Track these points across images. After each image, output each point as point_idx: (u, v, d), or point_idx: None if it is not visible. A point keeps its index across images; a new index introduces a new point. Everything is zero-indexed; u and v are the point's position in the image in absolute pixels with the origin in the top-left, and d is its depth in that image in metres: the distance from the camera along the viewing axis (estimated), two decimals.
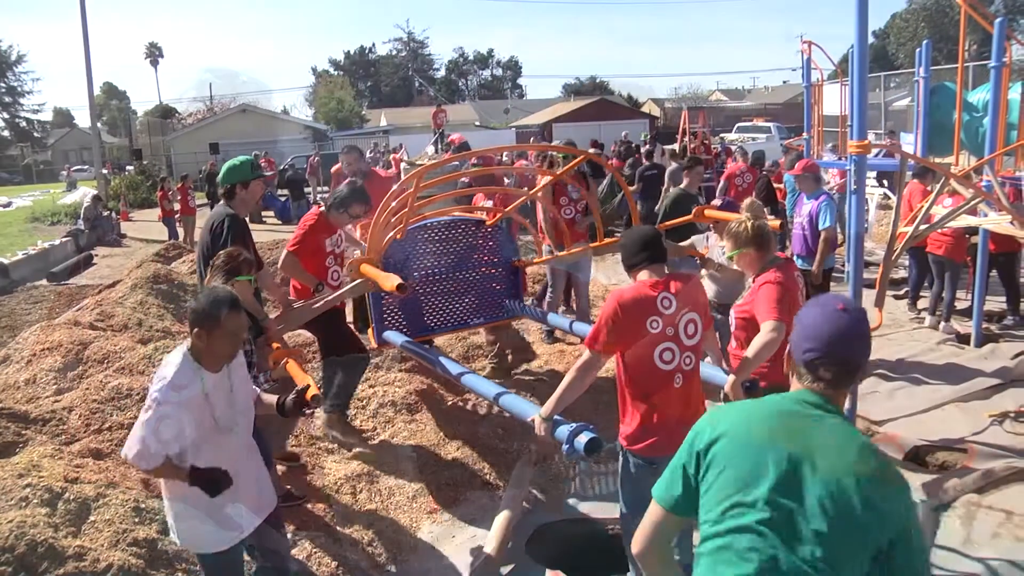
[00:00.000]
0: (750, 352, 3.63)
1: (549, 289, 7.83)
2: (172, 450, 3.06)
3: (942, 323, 8.11)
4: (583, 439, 3.36)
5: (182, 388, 3.05)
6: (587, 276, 7.75)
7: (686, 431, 3.28)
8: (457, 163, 12.90)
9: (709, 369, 4.04)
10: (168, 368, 3.08)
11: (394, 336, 5.89)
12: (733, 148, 16.54)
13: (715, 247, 5.81)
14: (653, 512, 2.08)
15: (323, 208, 5.59)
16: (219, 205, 5.19)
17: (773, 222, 4.74)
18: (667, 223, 6.40)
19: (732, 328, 4.08)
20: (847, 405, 5.58)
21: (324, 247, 5.51)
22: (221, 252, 4.10)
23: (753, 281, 4.03)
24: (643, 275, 3.52)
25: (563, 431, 3.43)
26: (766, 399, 2.03)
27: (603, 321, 3.40)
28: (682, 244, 6.16)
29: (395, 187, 5.61)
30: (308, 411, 3.57)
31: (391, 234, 5.47)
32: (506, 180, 9.57)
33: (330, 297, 5.14)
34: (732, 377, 3.67)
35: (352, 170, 7.38)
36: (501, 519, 4.24)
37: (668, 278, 3.49)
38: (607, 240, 6.59)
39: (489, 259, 6.52)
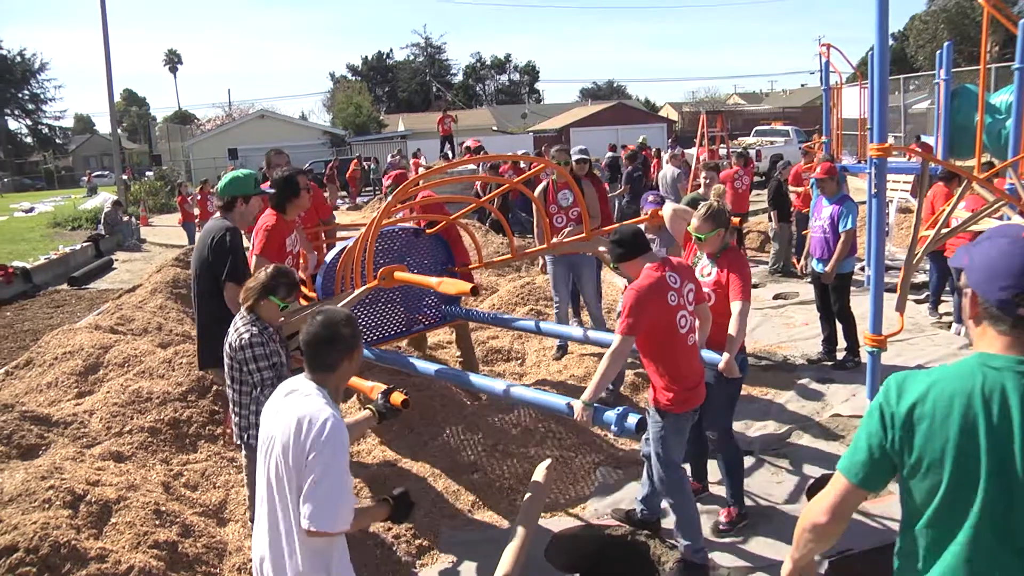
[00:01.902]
0: (733, 331, 4.34)
1: (555, 301, 7.39)
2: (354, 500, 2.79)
3: (962, 327, 8.04)
4: (632, 420, 3.68)
5: (342, 434, 2.71)
6: (592, 282, 7.28)
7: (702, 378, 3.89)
8: (474, 167, 12.92)
9: (707, 354, 4.44)
10: (322, 416, 2.66)
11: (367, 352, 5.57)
12: (724, 151, 16.51)
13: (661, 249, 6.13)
14: (840, 486, 1.98)
15: (273, 206, 5.29)
16: (215, 218, 4.90)
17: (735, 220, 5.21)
18: (629, 221, 6.36)
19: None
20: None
21: (286, 247, 5.34)
22: (270, 266, 3.97)
23: (717, 258, 4.61)
24: (644, 262, 4.00)
25: (611, 415, 3.73)
26: (952, 372, 1.85)
27: (631, 309, 3.84)
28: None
29: (389, 199, 5.52)
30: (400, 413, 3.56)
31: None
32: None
33: (353, 296, 5.10)
34: (726, 355, 4.29)
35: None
36: (520, 525, 4.21)
37: (664, 260, 4.05)
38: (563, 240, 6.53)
39: (427, 265, 6.45)
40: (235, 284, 4.52)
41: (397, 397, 3.42)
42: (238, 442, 4.12)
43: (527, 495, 4.33)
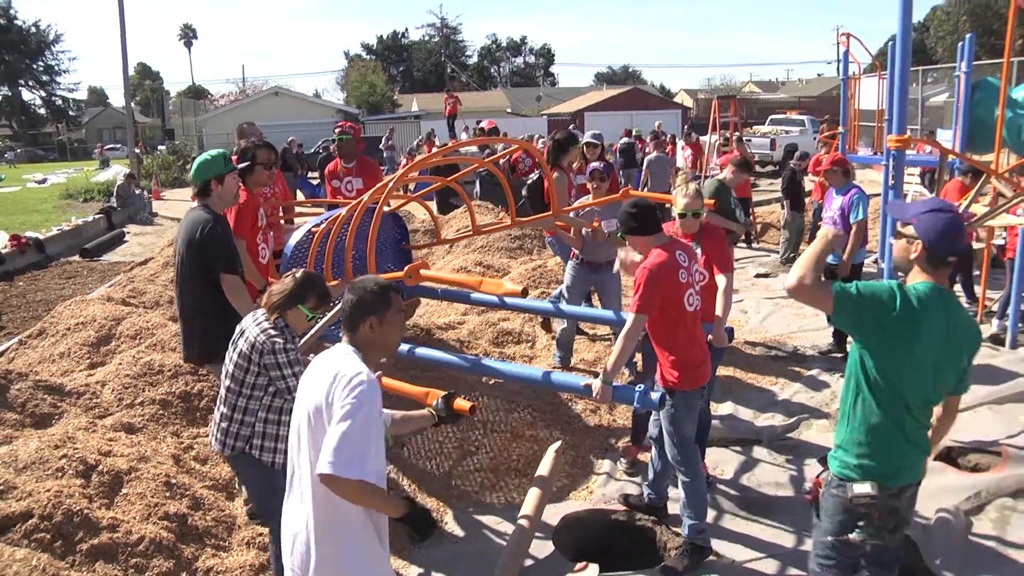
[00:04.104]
0: (720, 308, 4.67)
1: (564, 295, 6.76)
2: (380, 466, 2.66)
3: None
4: (655, 396, 3.89)
5: (373, 390, 2.63)
6: (617, 288, 6.63)
7: (708, 356, 4.34)
8: (477, 150, 12.98)
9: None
10: (355, 371, 2.63)
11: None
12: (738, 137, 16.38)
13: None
14: (823, 291, 2.73)
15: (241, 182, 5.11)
16: (193, 208, 4.61)
17: (709, 202, 5.71)
18: (607, 198, 6.39)
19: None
20: None
21: (258, 221, 5.30)
22: (301, 271, 3.60)
23: (699, 238, 4.80)
24: (653, 241, 4.10)
25: (634, 393, 3.89)
26: (923, 292, 2.73)
27: (644, 288, 3.95)
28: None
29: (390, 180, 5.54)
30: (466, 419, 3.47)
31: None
32: None
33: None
34: (716, 328, 4.64)
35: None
36: (528, 507, 4.23)
37: (672, 240, 4.21)
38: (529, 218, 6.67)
39: (381, 243, 6.43)
40: (231, 275, 4.39)
41: (463, 404, 3.35)
42: (224, 452, 3.65)
43: (534, 482, 4.33)
